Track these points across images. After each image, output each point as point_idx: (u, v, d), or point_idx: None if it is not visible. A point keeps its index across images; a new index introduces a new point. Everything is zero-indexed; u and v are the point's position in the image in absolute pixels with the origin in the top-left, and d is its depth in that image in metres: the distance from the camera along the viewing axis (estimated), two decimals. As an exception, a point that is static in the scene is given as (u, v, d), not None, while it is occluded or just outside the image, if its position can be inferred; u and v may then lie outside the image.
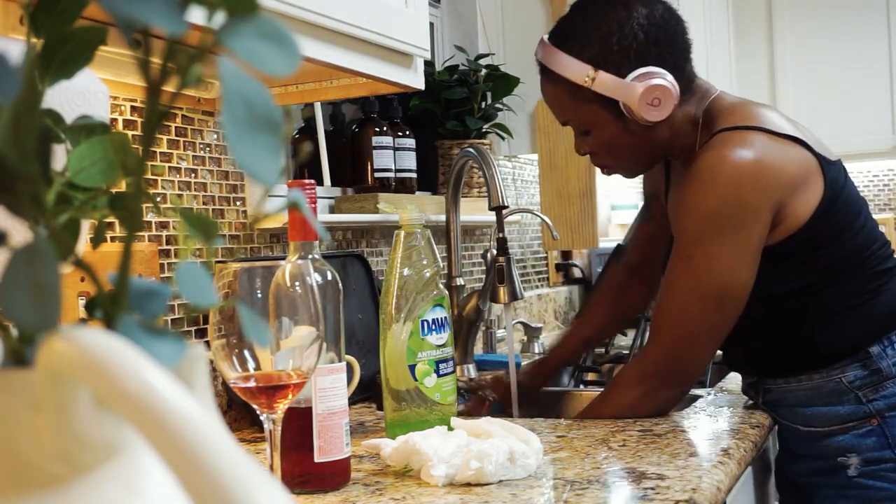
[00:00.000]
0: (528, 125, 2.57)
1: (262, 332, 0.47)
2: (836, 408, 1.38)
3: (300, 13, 1.14)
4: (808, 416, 1.41)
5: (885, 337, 1.38)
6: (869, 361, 1.37)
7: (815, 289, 1.37)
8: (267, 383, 0.84)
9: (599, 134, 1.42)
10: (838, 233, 1.36)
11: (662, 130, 1.41)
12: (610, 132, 1.41)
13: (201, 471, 0.28)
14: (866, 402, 1.37)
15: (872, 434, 1.36)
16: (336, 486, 1.06)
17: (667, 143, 1.43)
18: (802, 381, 1.40)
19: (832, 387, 1.38)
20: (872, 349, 1.37)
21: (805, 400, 1.41)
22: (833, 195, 1.36)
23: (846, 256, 1.37)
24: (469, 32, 2.61)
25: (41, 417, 0.32)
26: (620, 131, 1.40)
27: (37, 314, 0.32)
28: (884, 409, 1.36)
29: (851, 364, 1.37)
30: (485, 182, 1.74)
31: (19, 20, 0.93)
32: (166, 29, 0.32)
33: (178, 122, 1.42)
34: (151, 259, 1.31)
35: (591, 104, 1.40)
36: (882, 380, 1.36)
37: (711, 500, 0.99)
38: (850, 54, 3.97)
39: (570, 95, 1.41)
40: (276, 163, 0.33)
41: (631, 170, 1.51)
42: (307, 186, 1.05)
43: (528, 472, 1.06)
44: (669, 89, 1.35)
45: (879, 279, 1.40)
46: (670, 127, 1.41)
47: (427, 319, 1.25)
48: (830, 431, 1.39)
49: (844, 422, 1.38)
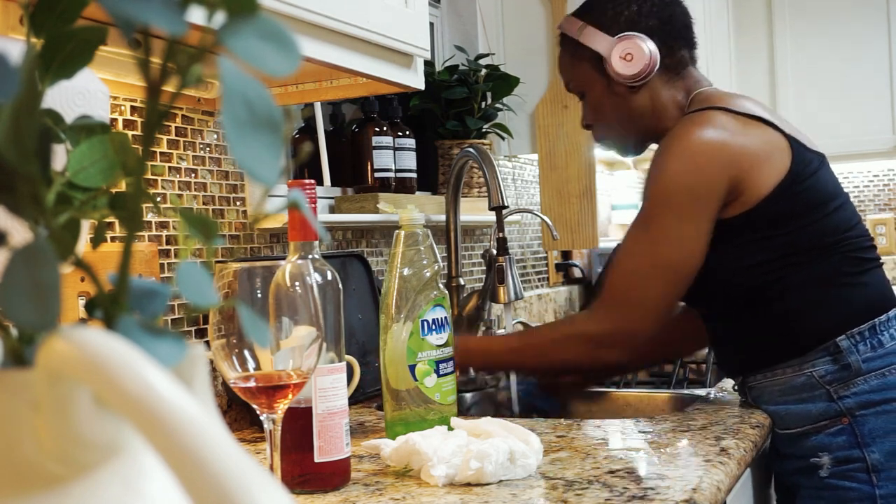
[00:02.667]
0: (528, 125, 2.57)
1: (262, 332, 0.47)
2: (808, 406, 1.39)
3: (300, 13, 1.14)
4: (784, 416, 1.42)
5: (857, 331, 1.38)
6: (839, 356, 1.37)
7: (777, 266, 1.38)
8: (267, 383, 0.84)
9: (591, 95, 1.58)
10: (803, 211, 1.38)
11: (643, 99, 1.53)
12: (598, 92, 1.56)
13: (201, 471, 0.28)
14: (837, 400, 1.38)
15: (843, 433, 1.37)
16: (336, 486, 1.06)
17: (650, 116, 1.54)
18: (777, 374, 1.42)
19: (803, 381, 1.40)
20: (842, 342, 1.38)
21: (779, 396, 1.42)
22: (800, 173, 1.39)
23: (812, 237, 1.38)
24: (469, 32, 2.61)
25: (41, 417, 0.32)
26: (606, 92, 1.55)
27: (37, 314, 0.32)
28: (854, 407, 1.37)
29: (822, 357, 1.38)
30: (485, 182, 1.74)
31: (19, 20, 0.93)
32: (166, 29, 0.32)
33: (178, 122, 1.42)
34: (151, 259, 1.31)
35: (583, 62, 1.57)
36: (852, 376, 1.37)
37: (711, 500, 0.99)
38: (850, 54, 3.97)
39: (570, 55, 1.59)
40: (276, 163, 0.33)
41: (621, 139, 1.60)
42: (307, 186, 1.05)
43: (528, 472, 1.06)
44: (643, 49, 1.49)
45: (853, 267, 1.41)
46: (652, 99, 1.53)
47: (427, 319, 1.25)
48: (804, 432, 1.41)
49: (816, 421, 1.39)
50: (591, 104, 1.59)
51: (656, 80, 1.52)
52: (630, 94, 1.53)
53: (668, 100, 1.53)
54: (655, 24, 1.52)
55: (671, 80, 1.53)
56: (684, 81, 1.54)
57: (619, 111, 1.55)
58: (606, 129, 1.59)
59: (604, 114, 1.58)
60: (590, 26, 1.55)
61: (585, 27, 1.55)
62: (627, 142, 1.60)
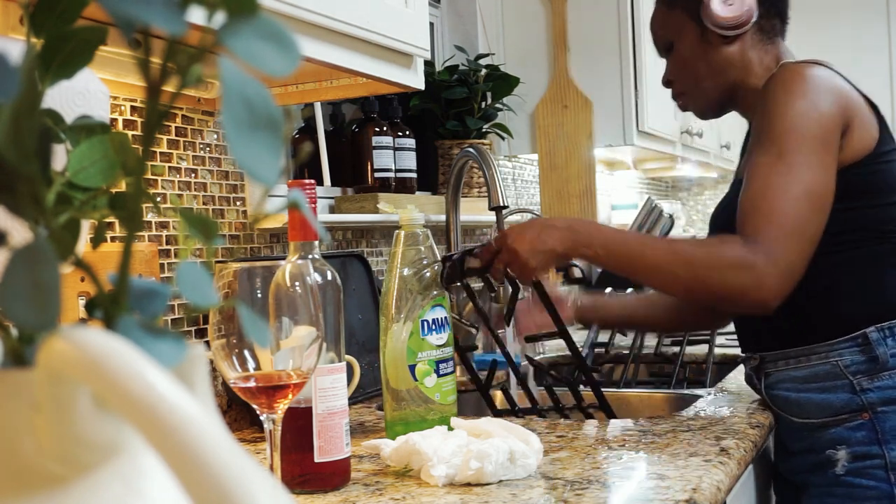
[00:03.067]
0: (528, 125, 2.57)
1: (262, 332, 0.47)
2: (830, 396, 1.37)
3: (300, 13, 1.14)
4: (804, 405, 1.40)
5: (888, 325, 1.36)
6: (868, 347, 1.35)
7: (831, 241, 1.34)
8: (267, 383, 0.84)
9: (680, 44, 1.53)
10: (875, 190, 1.36)
11: (735, 52, 1.49)
12: (689, 40, 1.52)
13: (201, 471, 0.28)
14: (860, 392, 1.35)
15: (863, 428, 1.35)
16: (336, 486, 1.06)
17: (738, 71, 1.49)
18: (801, 360, 1.40)
19: (827, 370, 1.37)
20: (872, 334, 1.35)
21: (801, 384, 1.40)
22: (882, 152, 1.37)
23: (874, 219, 1.36)
24: (469, 32, 2.61)
25: (41, 417, 0.32)
26: (698, 41, 1.51)
27: (37, 314, 0.32)
28: (876, 402, 1.35)
29: (850, 347, 1.36)
30: (485, 182, 1.74)
31: (19, 20, 0.93)
32: (166, 29, 0.32)
33: (178, 122, 1.42)
34: (151, 259, 1.31)
35: (678, 9, 1.53)
36: (878, 369, 1.35)
37: (711, 500, 0.99)
38: (850, 54, 3.97)
39: (666, 4, 1.56)
40: (276, 163, 0.33)
41: (702, 95, 1.54)
42: (307, 186, 1.05)
43: (528, 472, 1.06)
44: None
45: None
46: (743, 55, 1.49)
47: (427, 319, 1.25)
48: (823, 423, 1.38)
49: (837, 413, 1.37)
50: (679, 55, 1.54)
51: (749, 37, 1.49)
52: (722, 45, 1.49)
53: (757, 61, 1.50)
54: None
55: (762, 42, 1.50)
56: (775, 48, 1.51)
57: (707, 62, 1.51)
58: (689, 82, 1.54)
59: (690, 65, 1.53)
60: None
61: None
62: (708, 99, 1.55)
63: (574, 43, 2.56)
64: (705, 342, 2.28)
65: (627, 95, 2.53)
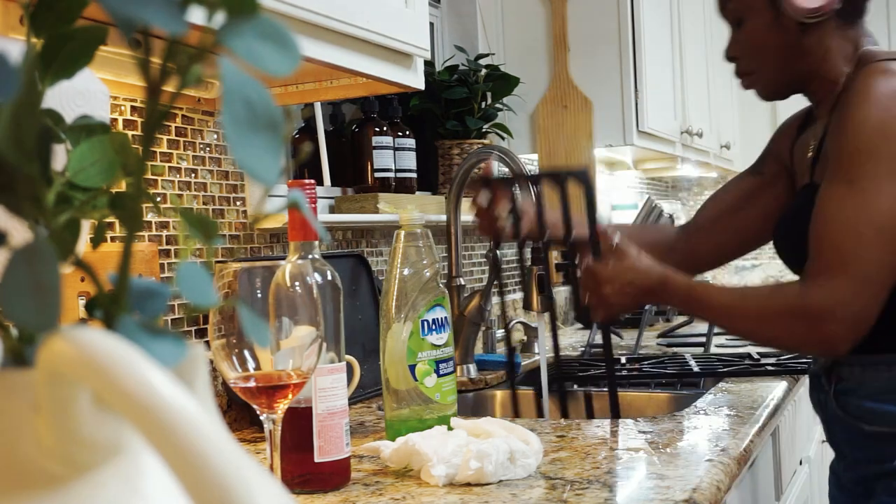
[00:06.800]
0: (528, 125, 2.57)
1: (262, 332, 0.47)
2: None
3: (300, 13, 1.14)
4: (878, 414, 1.33)
5: None
6: None
7: None
8: (267, 383, 0.84)
9: (751, 24, 1.41)
10: None
11: (813, 41, 1.38)
12: (762, 22, 1.40)
13: (201, 471, 0.28)
14: None
15: None
16: (336, 486, 1.06)
17: (814, 61, 1.39)
18: (881, 369, 1.32)
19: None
20: None
21: (878, 394, 1.33)
22: None
23: None
24: (469, 32, 2.61)
25: (41, 417, 0.32)
26: (771, 24, 1.39)
27: (37, 314, 0.32)
28: None
29: None
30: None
31: (19, 20, 0.93)
32: (166, 29, 0.32)
33: (178, 122, 1.42)
34: (151, 259, 1.31)
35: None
36: None
37: (711, 500, 0.99)
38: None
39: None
40: (276, 163, 0.33)
41: (771, 79, 1.44)
42: (307, 186, 1.05)
43: (528, 472, 1.06)
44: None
45: None
46: (822, 43, 1.38)
47: (427, 319, 1.25)
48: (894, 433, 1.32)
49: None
50: (748, 34, 1.42)
51: (831, 24, 1.38)
52: (799, 33, 1.38)
53: (837, 49, 1.39)
54: None
55: (844, 28, 1.39)
56: (856, 32, 1.40)
57: (782, 49, 1.39)
58: (757, 64, 1.43)
59: (761, 48, 1.41)
60: None
61: None
62: (777, 83, 1.44)
63: (574, 43, 2.56)
64: (701, 346, 2.28)
65: (627, 95, 2.53)
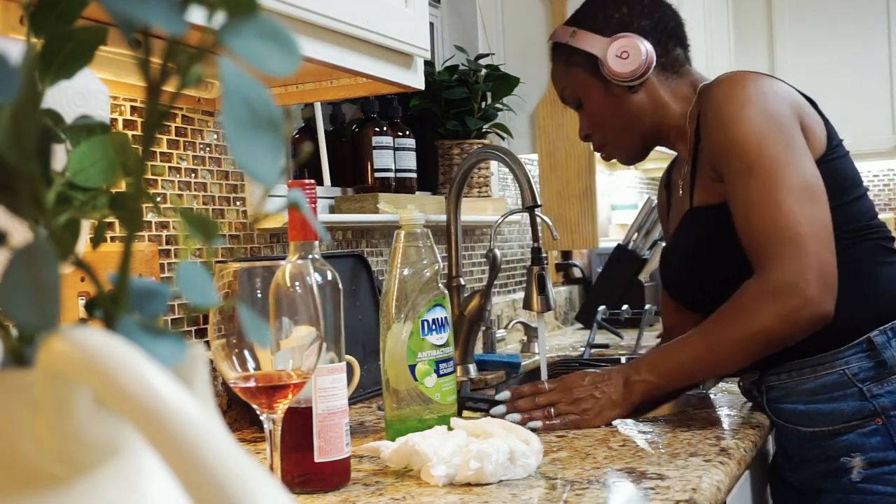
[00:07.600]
0: (528, 125, 2.57)
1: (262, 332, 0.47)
2: (840, 405, 1.34)
3: (300, 13, 1.14)
4: (812, 415, 1.36)
5: (890, 326, 1.33)
6: (874, 352, 1.32)
7: None
8: (267, 383, 0.84)
9: (588, 102, 1.54)
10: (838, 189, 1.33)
11: (643, 99, 1.50)
12: (596, 96, 1.52)
13: (201, 471, 0.28)
14: (870, 398, 1.32)
15: (877, 434, 1.32)
16: (336, 486, 1.06)
17: (651, 115, 1.50)
18: (805, 373, 1.36)
19: (836, 379, 1.34)
20: (877, 338, 1.32)
21: (808, 396, 1.36)
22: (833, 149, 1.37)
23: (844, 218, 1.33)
24: (469, 32, 2.61)
25: (41, 417, 0.32)
26: (604, 95, 1.51)
27: (37, 314, 0.32)
28: (889, 406, 1.31)
29: (856, 354, 1.33)
30: (516, 182, 1.76)
31: (19, 20, 0.93)
32: (166, 29, 0.32)
33: (178, 122, 1.42)
34: (151, 259, 1.31)
35: (578, 68, 1.53)
36: (887, 374, 1.32)
37: (711, 500, 0.99)
38: (850, 54, 3.97)
39: (564, 62, 1.56)
40: (276, 163, 0.33)
41: (624, 147, 1.56)
42: (307, 186, 1.05)
43: (528, 472, 1.06)
44: (638, 46, 1.46)
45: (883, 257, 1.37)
46: (652, 98, 1.49)
47: (427, 319, 1.25)
48: (834, 431, 1.35)
49: (848, 420, 1.33)
50: (590, 111, 1.55)
51: (654, 79, 1.49)
52: (629, 95, 1.49)
53: (670, 97, 1.49)
54: (647, 24, 1.50)
55: (670, 78, 1.50)
56: (686, 78, 1.51)
57: (620, 114, 1.51)
58: (607, 136, 1.55)
59: (603, 119, 1.53)
60: (582, 30, 1.52)
61: (577, 31, 1.52)
62: (630, 147, 1.55)
63: (574, 43, 2.55)
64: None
65: (627, 95, 2.52)
